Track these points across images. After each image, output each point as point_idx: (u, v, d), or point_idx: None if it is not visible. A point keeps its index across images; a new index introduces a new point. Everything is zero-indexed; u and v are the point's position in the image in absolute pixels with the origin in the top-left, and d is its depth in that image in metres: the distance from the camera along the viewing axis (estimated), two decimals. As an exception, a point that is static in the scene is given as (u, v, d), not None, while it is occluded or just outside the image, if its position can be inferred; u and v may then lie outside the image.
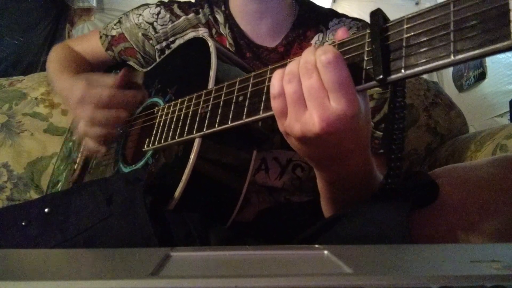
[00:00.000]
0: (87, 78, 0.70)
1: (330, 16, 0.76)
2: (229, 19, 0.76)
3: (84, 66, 0.87)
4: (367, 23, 0.75)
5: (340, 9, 3.30)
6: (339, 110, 0.37)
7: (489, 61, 2.60)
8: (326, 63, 0.37)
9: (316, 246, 0.33)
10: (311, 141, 0.40)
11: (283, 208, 0.72)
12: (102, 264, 0.31)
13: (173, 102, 0.63)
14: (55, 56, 0.87)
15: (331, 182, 0.51)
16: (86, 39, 0.91)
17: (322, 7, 0.80)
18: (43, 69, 3.05)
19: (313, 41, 0.74)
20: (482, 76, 2.79)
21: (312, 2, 0.80)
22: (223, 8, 0.77)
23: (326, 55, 0.37)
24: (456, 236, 0.44)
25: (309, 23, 0.75)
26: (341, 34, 0.41)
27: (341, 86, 0.37)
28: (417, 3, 3.60)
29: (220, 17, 0.77)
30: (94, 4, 3.51)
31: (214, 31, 0.77)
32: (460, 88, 3.08)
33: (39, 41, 3.17)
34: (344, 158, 0.45)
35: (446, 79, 3.29)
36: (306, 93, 0.38)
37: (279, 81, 0.41)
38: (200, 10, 0.78)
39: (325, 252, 0.31)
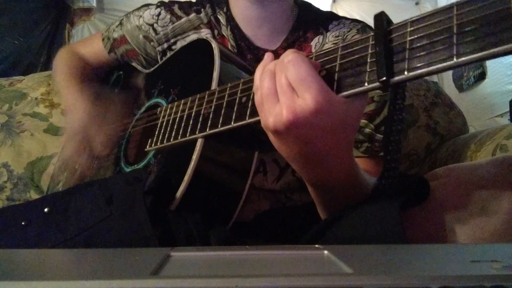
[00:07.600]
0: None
1: (330, 18, 0.76)
2: (231, 20, 0.76)
3: (88, 71, 0.88)
4: (366, 24, 0.76)
5: (340, 9, 3.29)
6: (304, 104, 0.39)
7: (489, 61, 2.60)
8: (287, 62, 0.40)
9: (316, 246, 0.33)
10: (283, 134, 0.42)
11: (283, 211, 0.72)
12: (102, 264, 0.31)
13: (176, 103, 0.63)
14: (61, 63, 0.88)
15: (312, 183, 0.52)
16: (90, 43, 0.91)
17: (321, 10, 0.81)
18: (43, 69, 3.05)
19: (313, 43, 0.74)
20: (482, 76, 2.80)
21: (311, 5, 0.80)
22: (225, 10, 0.77)
23: (287, 55, 0.41)
24: (456, 236, 0.44)
25: (309, 25, 0.75)
26: None
27: (302, 82, 0.39)
28: (417, 3, 3.61)
29: (222, 18, 0.77)
30: (94, 4, 3.52)
31: (216, 32, 0.77)
32: (460, 88, 3.08)
33: (39, 41, 3.17)
34: (320, 160, 0.46)
35: (446, 79, 3.30)
36: (279, 89, 0.41)
37: (259, 75, 0.44)
38: (202, 9, 0.78)
39: (325, 252, 0.31)
